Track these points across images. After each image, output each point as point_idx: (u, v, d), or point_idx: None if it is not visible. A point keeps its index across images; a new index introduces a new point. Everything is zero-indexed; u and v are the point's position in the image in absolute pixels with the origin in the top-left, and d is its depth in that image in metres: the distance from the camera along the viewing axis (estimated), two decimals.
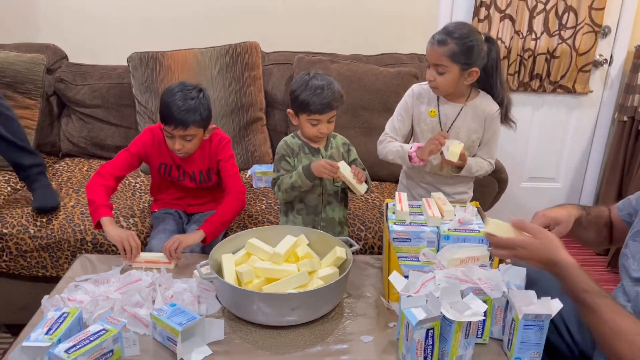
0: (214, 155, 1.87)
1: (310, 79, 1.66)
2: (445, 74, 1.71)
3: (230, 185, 1.85)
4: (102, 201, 1.72)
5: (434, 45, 1.70)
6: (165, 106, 1.72)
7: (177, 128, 1.71)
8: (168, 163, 1.88)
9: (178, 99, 1.70)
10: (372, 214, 2.10)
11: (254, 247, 1.53)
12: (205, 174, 1.91)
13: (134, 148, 1.85)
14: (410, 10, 2.79)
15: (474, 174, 1.87)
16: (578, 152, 3.11)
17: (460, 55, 1.68)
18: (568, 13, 2.74)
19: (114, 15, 2.73)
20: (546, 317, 1.23)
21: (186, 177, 1.91)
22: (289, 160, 1.74)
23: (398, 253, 1.45)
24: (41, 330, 1.21)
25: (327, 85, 1.65)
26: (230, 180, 1.86)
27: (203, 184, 1.93)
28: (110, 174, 1.80)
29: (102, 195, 1.74)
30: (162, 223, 1.90)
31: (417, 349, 1.21)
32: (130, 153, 1.84)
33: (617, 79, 2.95)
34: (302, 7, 2.76)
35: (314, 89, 1.64)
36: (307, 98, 1.64)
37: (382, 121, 1.96)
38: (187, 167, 1.89)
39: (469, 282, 1.30)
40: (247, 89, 2.48)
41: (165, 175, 1.92)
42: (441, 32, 1.70)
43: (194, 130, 1.73)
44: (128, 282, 1.47)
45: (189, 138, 1.75)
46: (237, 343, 1.32)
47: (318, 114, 1.66)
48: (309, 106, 1.64)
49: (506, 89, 1.88)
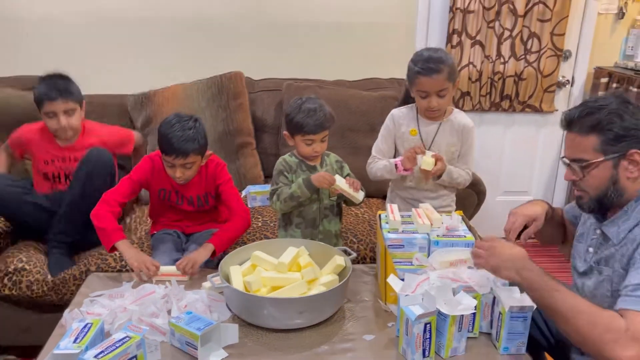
0: (212, 180, 1.98)
1: (303, 103, 1.82)
2: (445, 96, 1.89)
3: (235, 207, 1.95)
4: (113, 226, 1.82)
5: (434, 75, 1.84)
6: (164, 138, 1.81)
7: (178, 157, 1.81)
8: (167, 188, 1.98)
9: (177, 129, 1.80)
10: (363, 227, 2.24)
11: (259, 259, 1.64)
12: (203, 198, 2.01)
13: (135, 175, 1.94)
14: (389, 37, 2.98)
15: (456, 179, 2.00)
16: (547, 166, 3.33)
17: (452, 74, 1.88)
18: (532, 39, 2.97)
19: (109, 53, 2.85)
20: (529, 308, 1.38)
21: (184, 201, 2.00)
22: (287, 175, 1.87)
23: (393, 258, 1.58)
24: (69, 339, 1.30)
25: (319, 108, 1.81)
26: (234, 203, 1.96)
27: (201, 207, 2.03)
28: (115, 201, 1.89)
29: (111, 220, 1.83)
30: (162, 243, 1.98)
31: (416, 342, 1.33)
32: (132, 180, 1.93)
33: (579, 98, 3.19)
34: (287, 37, 2.93)
35: (307, 111, 1.79)
36: (301, 120, 1.79)
37: (368, 141, 2.11)
38: (186, 192, 1.98)
39: (459, 281, 1.45)
40: (234, 116, 2.60)
41: (165, 200, 2.01)
42: (430, 62, 1.84)
43: (193, 158, 1.84)
44: (142, 295, 1.57)
45: (188, 166, 1.85)
46: (250, 346, 1.42)
47: (312, 134, 1.80)
48: (303, 127, 1.79)
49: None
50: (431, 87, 1.87)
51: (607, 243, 1.39)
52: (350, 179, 1.83)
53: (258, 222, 2.27)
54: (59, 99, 2.08)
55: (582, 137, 1.35)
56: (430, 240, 1.61)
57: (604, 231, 1.39)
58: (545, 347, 1.62)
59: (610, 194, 1.35)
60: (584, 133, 1.34)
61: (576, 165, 1.37)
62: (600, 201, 1.37)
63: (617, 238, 1.35)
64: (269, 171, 2.71)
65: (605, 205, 1.38)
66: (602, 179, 1.34)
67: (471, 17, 2.91)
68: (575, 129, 1.36)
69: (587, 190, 1.38)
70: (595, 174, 1.35)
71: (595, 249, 1.43)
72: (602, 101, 1.35)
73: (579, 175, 1.37)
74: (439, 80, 1.85)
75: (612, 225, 1.37)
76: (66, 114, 2.11)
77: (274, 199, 1.86)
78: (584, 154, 1.35)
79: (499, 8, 2.90)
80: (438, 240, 1.59)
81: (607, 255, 1.38)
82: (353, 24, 2.94)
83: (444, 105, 1.92)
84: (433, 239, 1.60)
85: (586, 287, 1.44)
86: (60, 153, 2.19)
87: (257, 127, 2.69)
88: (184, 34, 2.87)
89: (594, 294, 1.40)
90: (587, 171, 1.35)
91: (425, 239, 1.61)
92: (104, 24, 2.82)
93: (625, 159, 1.32)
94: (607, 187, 1.35)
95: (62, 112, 2.10)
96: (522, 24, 2.94)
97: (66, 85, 2.13)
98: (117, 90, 2.70)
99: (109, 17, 2.81)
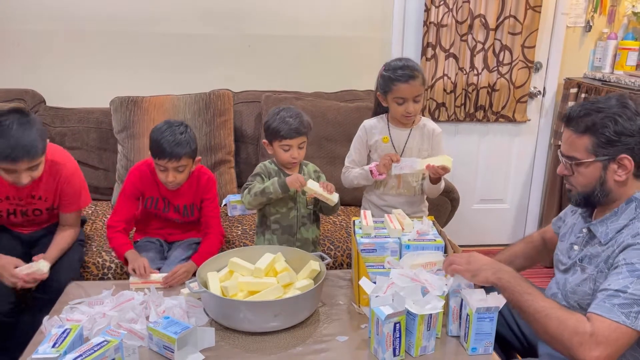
0: (200, 192, 2.03)
1: (280, 111, 1.90)
2: (420, 101, 1.98)
3: (214, 225, 2.02)
4: (120, 241, 1.94)
5: (410, 82, 1.93)
6: (156, 142, 1.87)
7: (171, 160, 1.87)
8: (155, 196, 2.03)
9: (169, 134, 1.86)
10: (340, 234, 2.30)
11: (236, 265, 1.69)
12: (189, 208, 2.05)
13: (128, 189, 2.00)
14: (366, 50, 3.07)
15: (441, 186, 2.09)
16: (522, 174, 3.42)
17: (424, 80, 1.98)
18: (504, 51, 3.08)
19: (91, 61, 2.89)
20: (495, 309, 1.43)
21: (170, 209, 2.05)
22: (263, 178, 1.93)
23: (366, 262, 1.64)
24: (47, 344, 1.33)
25: (295, 115, 1.89)
26: (214, 222, 2.02)
27: (186, 217, 2.07)
28: (117, 222, 1.98)
29: (118, 239, 1.95)
30: (144, 251, 2.02)
31: (387, 341, 1.39)
32: (126, 195, 2.00)
33: (550, 108, 3.30)
34: (266, 50, 3.00)
35: (283, 117, 1.87)
36: (278, 126, 1.86)
37: (345, 151, 2.17)
38: (174, 200, 2.03)
39: (418, 282, 1.51)
40: (217, 132, 2.65)
41: (151, 208, 2.05)
42: (406, 69, 1.95)
43: (185, 161, 1.90)
44: (121, 302, 1.60)
45: (180, 169, 1.91)
46: (226, 349, 1.46)
47: (289, 139, 1.87)
48: (279, 132, 1.86)
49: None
50: (409, 93, 1.95)
51: (592, 241, 1.44)
52: (324, 182, 1.90)
53: (238, 231, 2.31)
54: (23, 159, 1.71)
55: (577, 136, 1.40)
56: (401, 244, 1.66)
57: (591, 229, 1.45)
58: (517, 348, 1.68)
59: (596, 193, 1.41)
60: (579, 132, 1.39)
61: (568, 162, 1.43)
62: (586, 198, 1.44)
63: (604, 238, 1.40)
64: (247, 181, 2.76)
65: (591, 202, 1.45)
66: (590, 178, 1.40)
67: (444, 31, 3.00)
68: (572, 127, 1.41)
69: (575, 186, 1.45)
70: (584, 172, 1.40)
71: (580, 247, 1.48)
72: (603, 103, 1.38)
73: (570, 172, 1.44)
74: (416, 85, 1.94)
75: (601, 225, 1.42)
76: (30, 170, 1.78)
77: (244, 192, 1.92)
78: (577, 152, 1.40)
79: (471, 22, 3.00)
80: (409, 244, 1.65)
81: (592, 254, 1.42)
82: (331, 38, 3.03)
83: (419, 109, 2.01)
84: (404, 242, 1.66)
85: (568, 283, 1.48)
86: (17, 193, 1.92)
87: (236, 137, 2.75)
88: (166, 47, 2.92)
89: (575, 290, 1.45)
90: (578, 169, 1.42)
91: (396, 243, 1.66)
92: (88, 38, 2.87)
93: (615, 162, 1.37)
94: (594, 187, 1.41)
95: (25, 170, 1.76)
96: (493, 37, 3.04)
97: (31, 139, 1.72)
98: (96, 104, 2.75)
99: (90, 31, 2.86)
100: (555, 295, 1.54)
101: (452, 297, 1.50)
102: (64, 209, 2.00)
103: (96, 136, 2.68)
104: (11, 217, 1.97)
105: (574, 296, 1.45)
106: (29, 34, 2.82)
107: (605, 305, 1.28)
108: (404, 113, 1.99)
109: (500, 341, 1.61)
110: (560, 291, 1.52)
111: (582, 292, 1.42)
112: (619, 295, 1.27)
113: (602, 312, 1.27)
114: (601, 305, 1.28)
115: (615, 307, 1.26)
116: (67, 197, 1.97)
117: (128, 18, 2.86)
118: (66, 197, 1.97)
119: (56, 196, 1.97)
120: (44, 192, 1.94)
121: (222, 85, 2.84)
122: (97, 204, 2.62)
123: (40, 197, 1.95)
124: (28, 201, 1.94)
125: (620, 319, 1.25)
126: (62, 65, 2.87)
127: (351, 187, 2.14)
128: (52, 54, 2.86)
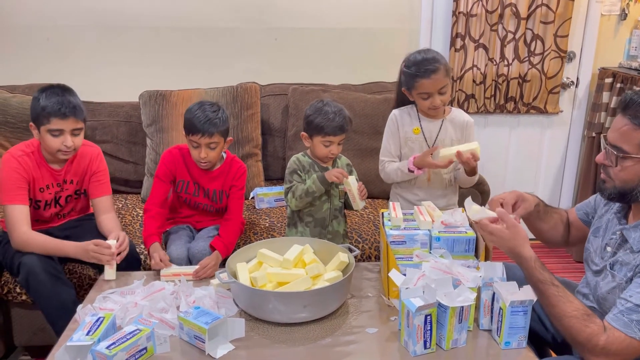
0: (231, 179, 2.06)
1: (324, 106, 1.88)
2: (446, 92, 1.94)
3: (235, 212, 2.04)
4: (149, 231, 1.96)
5: (432, 76, 1.88)
6: (190, 119, 1.92)
7: (204, 136, 1.91)
8: (186, 179, 2.06)
9: (203, 111, 1.92)
10: (367, 227, 2.28)
11: (265, 256, 1.69)
12: (218, 194, 2.07)
13: (160, 171, 2.04)
14: (394, 42, 3.03)
15: (476, 177, 2.05)
16: (554, 167, 3.34)
17: (448, 69, 1.93)
18: (535, 41, 3.00)
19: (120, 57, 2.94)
20: (529, 302, 1.40)
21: (200, 193, 2.07)
22: (300, 174, 1.93)
23: (395, 254, 1.62)
24: (82, 332, 1.36)
25: (339, 111, 1.88)
26: (236, 208, 2.05)
27: (215, 203, 2.09)
28: (152, 205, 2.01)
29: (149, 227, 1.97)
30: (176, 234, 2.07)
31: (417, 333, 1.37)
32: (160, 179, 2.03)
33: (584, 99, 3.21)
34: (292, 43, 2.99)
35: (327, 114, 1.86)
36: (321, 122, 1.85)
37: (372, 143, 2.16)
38: (205, 184, 2.06)
39: (450, 274, 1.48)
40: (244, 125, 2.66)
41: (182, 192, 2.08)
42: (426, 63, 1.89)
43: (217, 138, 1.94)
44: (152, 292, 1.62)
45: (213, 146, 1.94)
46: (256, 339, 1.47)
47: (332, 136, 1.86)
48: (323, 129, 1.85)
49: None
50: (433, 87, 1.91)
51: (625, 246, 1.38)
52: (361, 185, 1.89)
53: (265, 223, 2.32)
54: (70, 117, 1.86)
55: (633, 127, 1.27)
56: (431, 237, 1.64)
57: (624, 234, 1.38)
58: (550, 343, 1.64)
59: (635, 192, 1.32)
60: (636, 123, 1.27)
61: (613, 152, 1.31)
62: (622, 194, 1.35)
63: (637, 245, 1.34)
64: (274, 174, 2.78)
65: (625, 200, 1.36)
66: (634, 175, 1.30)
67: (474, 21, 2.95)
68: (629, 115, 1.28)
69: (613, 179, 1.34)
70: (629, 168, 1.30)
71: (613, 250, 1.42)
72: None
73: (612, 163, 1.33)
74: (439, 79, 1.89)
75: (635, 231, 1.35)
76: (74, 135, 1.89)
77: (289, 197, 1.92)
78: (627, 144, 1.29)
79: (502, 11, 2.94)
80: (439, 236, 1.63)
81: (624, 261, 1.36)
82: (357, 29, 3.00)
83: (446, 100, 1.97)
84: (434, 235, 1.63)
85: (599, 287, 1.44)
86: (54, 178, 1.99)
87: (263, 130, 2.75)
88: (192, 41, 2.95)
89: (605, 297, 1.41)
90: (622, 162, 1.30)
91: (426, 235, 1.64)
92: (115, 32, 2.91)
93: None
94: (635, 184, 1.31)
95: (70, 132, 1.88)
96: (525, 26, 2.97)
97: (76, 102, 1.90)
98: (125, 98, 2.79)
99: (119, 26, 2.90)
100: (587, 297, 1.51)
101: (483, 291, 1.48)
102: (95, 192, 2.05)
103: (126, 130, 2.71)
104: (47, 209, 2.01)
105: (605, 303, 1.41)
106: (60, 29, 2.87)
107: (624, 319, 1.27)
108: (431, 106, 1.95)
109: (532, 336, 1.57)
110: (592, 294, 1.48)
111: (613, 300, 1.37)
112: (638, 310, 1.25)
113: (619, 325, 1.27)
114: (619, 318, 1.28)
115: (633, 322, 1.26)
116: (95, 177, 2.04)
117: (156, 14, 2.89)
118: (95, 177, 2.04)
119: (84, 179, 2.04)
120: (74, 175, 2.02)
121: (249, 79, 2.84)
122: (127, 198, 2.65)
123: (72, 181, 2.02)
124: (63, 187, 2.01)
125: (636, 335, 1.25)
126: (92, 59, 2.92)
127: (391, 182, 2.13)
128: (82, 49, 2.91)
